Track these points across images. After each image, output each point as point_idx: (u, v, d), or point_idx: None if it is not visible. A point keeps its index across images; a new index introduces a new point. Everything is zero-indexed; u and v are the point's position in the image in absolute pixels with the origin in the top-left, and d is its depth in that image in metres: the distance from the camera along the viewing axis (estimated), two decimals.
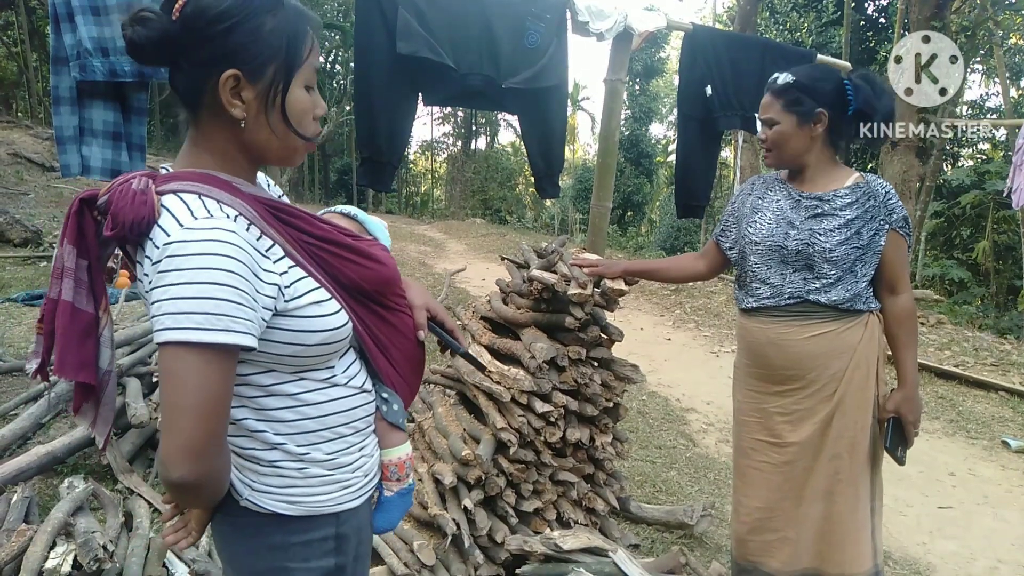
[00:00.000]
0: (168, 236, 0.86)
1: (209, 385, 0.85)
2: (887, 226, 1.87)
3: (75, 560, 2.11)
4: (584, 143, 36.45)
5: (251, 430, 0.99)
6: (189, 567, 2.25)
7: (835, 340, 1.88)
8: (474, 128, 28.81)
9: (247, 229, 0.92)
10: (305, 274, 0.98)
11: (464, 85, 2.67)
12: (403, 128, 2.69)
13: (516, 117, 3.00)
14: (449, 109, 26.87)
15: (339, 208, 1.27)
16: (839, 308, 1.87)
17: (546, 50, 2.75)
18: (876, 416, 1.94)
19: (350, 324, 1.03)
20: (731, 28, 14.88)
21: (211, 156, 0.98)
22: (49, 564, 2.07)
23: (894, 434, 1.93)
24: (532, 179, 3.49)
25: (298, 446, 1.01)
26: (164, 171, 0.98)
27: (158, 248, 0.86)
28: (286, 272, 0.95)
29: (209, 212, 0.89)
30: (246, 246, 0.88)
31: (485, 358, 2.52)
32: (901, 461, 1.95)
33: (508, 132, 30.88)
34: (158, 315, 0.84)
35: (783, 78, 1.91)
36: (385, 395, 1.15)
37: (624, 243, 19.54)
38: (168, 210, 0.89)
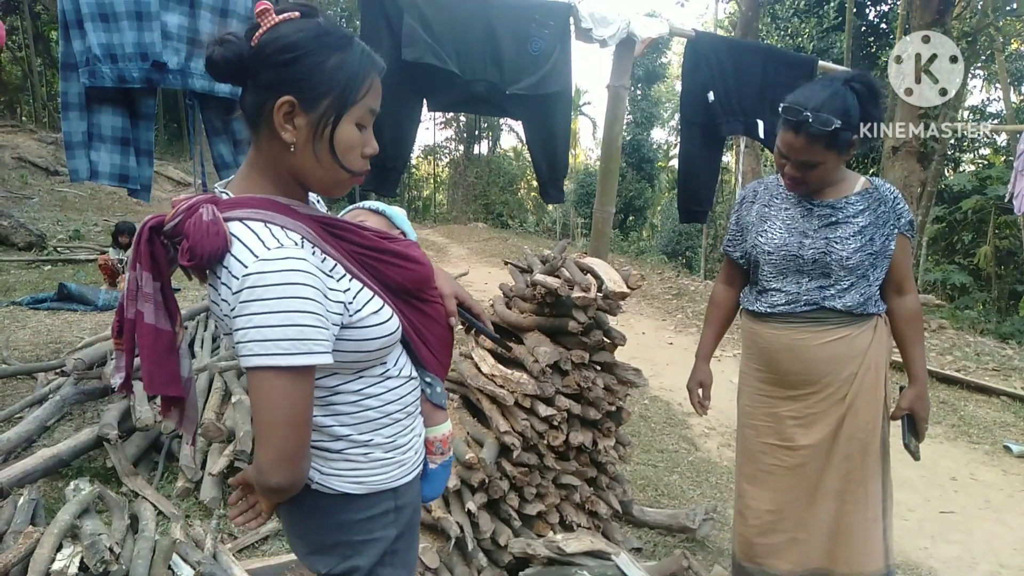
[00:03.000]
0: (246, 268, 0.93)
1: (297, 401, 0.95)
2: (896, 230, 1.89)
3: (82, 562, 2.13)
4: (585, 148, 36.48)
5: (320, 426, 1.08)
6: (195, 569, 2.26)
7: (849, 344, 1.90)
8: (476, 133, 28.85)
9: (313, 253, 0.99)
10: (362, 286, 1.06)
11: (469, 91, 2.70)
12: (408, 134, 2.71)
13: (520, 123, 3.02)
14: (452, 114, 26.94)
15: (366, 204, 1.38)
16: (853, 313, 1.89)
17: (550, 56, 2.77)
18: (886, 416, 1.96)
19: (400, 325, 1.12)
20: (732, 34, 14.93)
21: (268, 179, 1.05)
22: (56, 566, 2.08)
23: (908, 431, 1.99)
24: (534, 183, 3.51)
25: (361, 434, 1.11)
26: (224, 195, 1.04)
27: (237, 279, 0.93)
28: (348, 288, 1.03)
29: (279, 241, 0.96)
30: (316, 271, 0.95)
31: (489, 362, 2.54)
32: (917, 456, 2.01)
33: (510, 137, 30.98)
34: (244, 341, 0.92)
35: (823, 119, 1.73)
36: (428, 379, 1.27)
37: (626, 248, 19.54)
38: (240, 240, 0.96)
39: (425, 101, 2.72)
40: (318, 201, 1.20)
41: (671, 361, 6.63)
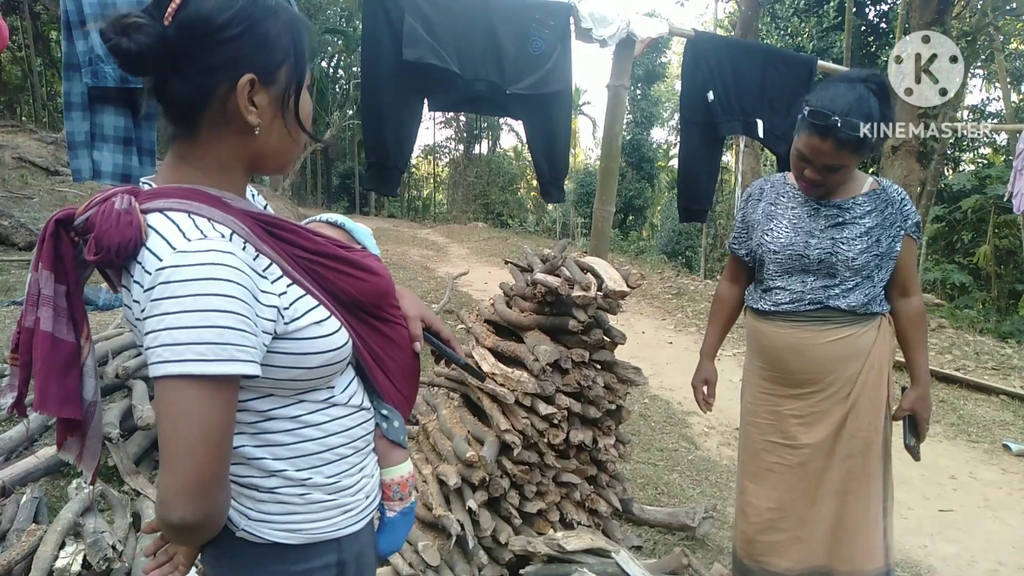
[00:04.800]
0: (160, 260, 0.80)
1: (213, 419, 0.80)
2: (903, 232, 1.90)
3: (84, 560, 2.14)
4: (585, 147, 36.47)
5: (248, 457, 0.94)
6: (197, 567, 2.27)
7: (853, 343, 1.91)
8: (476, 132, 28.84)
9: (243, 248, 0.86)
10: (304, 292, 0.93)
11: (469, 91, 2.70)
12: (409, 133, 2.72)
13: (520, 122, 3.03)
14: (452, 113, 26.95)
15: (324, 217, 1.24)
16: (856, 312, 1.90)
17: (550, 56, 2.78)
18: (888, 416, 1.97)
19: (351, 342, 0.99)
20: (732, 33, 14.93)
21: (203, 170, 0.91)
22: (59, 564, 2.09)
23: (909, 432, 2.01)
24: (534, 183, 3.52)
25: (298, 470, 0.97)
26: (146, 187, 0.91)
27: (150, 274, 0.81)
28: (284, 292, 0.90)
29: (202, 232, 0.84)
30: (244, 267, 0.83)
31: (489, 360, 2.55)
32: (917, 457, 2.03)
33: (510, 136, 31.03)
34: (154, 347, 0.79)
35: (853, 124, 1.72)
36: (385, 412, 1.11)
37: (626, 247, 19.53)
38: (157, 231, 0.83)
39: (426, 101, 2.72)
40: (254, 195, 1.06)
41: (671, 360, 6.64)
